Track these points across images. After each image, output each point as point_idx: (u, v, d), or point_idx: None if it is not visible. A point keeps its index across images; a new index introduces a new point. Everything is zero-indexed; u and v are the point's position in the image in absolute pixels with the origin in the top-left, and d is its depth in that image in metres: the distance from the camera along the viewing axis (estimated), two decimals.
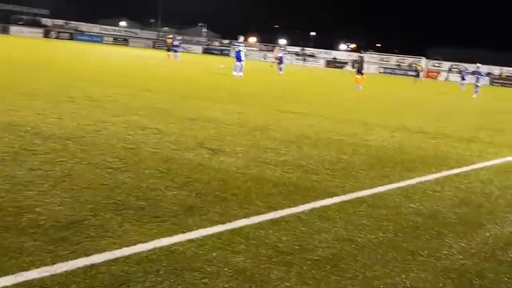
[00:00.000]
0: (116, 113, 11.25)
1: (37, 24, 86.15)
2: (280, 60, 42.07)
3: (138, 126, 9.96)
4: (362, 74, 30.87)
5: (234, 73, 29.99)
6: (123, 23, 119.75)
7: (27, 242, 4.27)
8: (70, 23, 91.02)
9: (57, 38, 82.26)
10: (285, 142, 9.80)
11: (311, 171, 7.68)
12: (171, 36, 53.81)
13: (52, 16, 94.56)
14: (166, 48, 47.49)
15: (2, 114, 9.65)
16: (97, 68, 25.98)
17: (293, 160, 8.31)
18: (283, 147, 9.30)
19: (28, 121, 9.29)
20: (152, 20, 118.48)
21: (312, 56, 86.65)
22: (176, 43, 46.20)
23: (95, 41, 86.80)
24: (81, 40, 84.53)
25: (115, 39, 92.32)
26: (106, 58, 34.36)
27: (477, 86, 35.94)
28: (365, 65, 31.69)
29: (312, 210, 5.84)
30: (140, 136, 8.99)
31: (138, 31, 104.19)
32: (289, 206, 5.87)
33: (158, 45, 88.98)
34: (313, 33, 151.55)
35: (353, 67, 31.20)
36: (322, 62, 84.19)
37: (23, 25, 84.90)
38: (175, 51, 45.45)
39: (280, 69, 40.59)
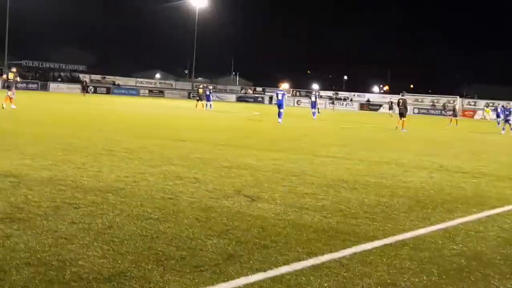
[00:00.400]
0: (153, 163, 11.39)
1: (75, 80, 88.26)
2: (312, 105, 42.07)
3: (176, 176, 10.05)
4: (404, 116, 30.53)
5: (280, 120, 30.67)
6: (157, 75, 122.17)
7: None
8: (107, 78, 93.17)
9: (94, 92, 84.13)
10: (322, 187, 9.77)
11: (350, 215, 7.63)
12: (201, 86, 54.57)
13: (89, 71, 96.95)
14: (197, 98, 48.06)
15: (43, 169, 9.85)
16: (133, 120, 26.42)
17: (331, 205, 8.27)
18: (321, 192, 9.27)
19: (68, 175, 9.45)
20: (186, 71, 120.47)
21: (345, 99, 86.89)
22: (207, 92, 46.67)
23: (132, 94, 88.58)
24: (118, 93, 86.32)
25: (151, 91, 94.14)
26: (142, 110, 35.01)
27: (506, 122, 35.10)
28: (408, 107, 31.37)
29: (353, 254, 5.78)
30: (178, 186, 9.07)
31: (172, 82, 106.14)
32: (330, 252, 5.82)
33: (193, 95, 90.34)
34: (345, 77, 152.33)
35: (396, 109, 30.93)
36: (356, 105, 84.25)
37: (61, 81, 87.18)
38: (208, 100, 45.90)
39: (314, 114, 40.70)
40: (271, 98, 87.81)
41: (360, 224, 7.15)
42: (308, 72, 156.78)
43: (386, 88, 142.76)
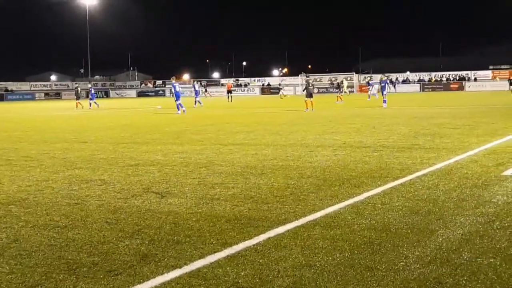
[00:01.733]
0: (56, 169, 11.03)
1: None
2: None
3: (81, 180, 9.79)
4: (311, 97, 31.43)
5: (179, 112, 31.73)
6: (53, 77, 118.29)
7: None
8: None
9: None
10: (231, 175, 9.79)
11: (261, 201, 7.69)
12: (87, 85, 54.01)
13: None
14: (76, 97, 47.46)
15: None
16: (29, 127, 25.47)
17: (241, 192, 8.31)
18: (230, 181, 9.30)
19: None
20: (81, 70, 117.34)
21: (246, 85, 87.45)
22: (93, 91, 47.94)
23: (27, 99, 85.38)
24: (13, 99, 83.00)
25: (47, 94, 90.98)
26: (38, 114, 33.82)
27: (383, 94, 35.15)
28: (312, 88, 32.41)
29: (267, 240, 5.83)
30: (84, 190, 8.83)
31: (69, 83, 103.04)
32: (244, 240, 5.85)
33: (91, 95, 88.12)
34: (244, 63, 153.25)
35: (304, 91, 31.99)
36: (257, 90, 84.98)
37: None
38: (91, 98, 46.74)
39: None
40: (171, 91, 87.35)
41: (272, 209, 7.22)
42: (207, 61, 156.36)
43: (285, 70, 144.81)
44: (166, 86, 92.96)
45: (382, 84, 35.85)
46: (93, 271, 5.01)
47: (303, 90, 31.53)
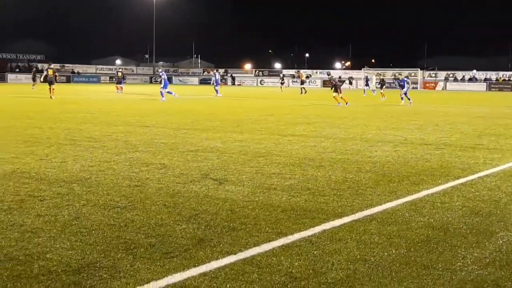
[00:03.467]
0: (118, 151, 11.28)
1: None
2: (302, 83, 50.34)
3: (142, 162, 9.97)
4: (338, 92, 31.04)
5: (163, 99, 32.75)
6: (118, 61, 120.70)
7: None
8: (66, 66, 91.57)
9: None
10: (289, 166, 9.80)
11: (318, 193, 7.67)
12: (120, 69, 52.69)
13: (48, 60, 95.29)
14: (116, 81, 46.56)
15: (5, 163, 9.67)
16: (94, 109, 26.07)
17: (298, 184, 8.30)
18: (288, 171, 9.30)
19: (32, 167, 9.30)
20: (146, 56, 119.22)
21: (308, 77, 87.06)
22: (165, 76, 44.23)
23: (92, 82, 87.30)
24: (79, 81, 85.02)
25: (111, 77, 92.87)
26: (103, 97, 34.56)
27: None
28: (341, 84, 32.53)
29: (323, 232, 5.82)
30: (144, 173, 9.00)
31: (133, 67, 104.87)
32: (299, 230, 5.85)
33: (155, 80, 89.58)
34: (307, 55, 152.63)
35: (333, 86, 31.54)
36: (319, 82, 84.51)
37: (19, 72, 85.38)
38: (163, 87, 43.74)
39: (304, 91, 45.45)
40: (233, 78, 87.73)
41: (328, 201, 7.20)
42: (270, 51, 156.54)
43: (348, 64, 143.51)
44: (228, 74, 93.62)
45: (401, 83, 34.55)
46: (150, 252, 5.11)
47: (331, 88, 31.06)
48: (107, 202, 6.99)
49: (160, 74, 34.94)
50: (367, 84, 50.94)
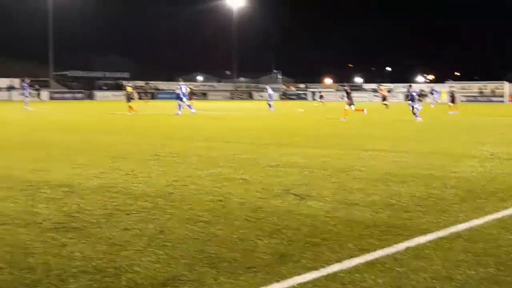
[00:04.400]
0: (200, 166, 11.47)
1: (120, 88, 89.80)
2: (384, 98, 45.95)
3: (224, 177, 10.10)
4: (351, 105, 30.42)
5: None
6: (199, 77, 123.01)
7: None
8: (150, 83, 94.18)
9: (140, 98, 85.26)
10: (371, 182, 9.68)
11: (401, 209, 7.54)
12: (130, 85, 48.79)
13: (132, 78, 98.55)
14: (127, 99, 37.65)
15: (94, 177, 10.02)
16: (175, 124, 26.65)
17: (381, 199, 8.19)
18: (370, 187, 9.19)
19: (119, 182, 9.60)
20: (227, 72, 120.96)
21: (389, 91, 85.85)
22: (184, 90, 37.70)
23: (174, 98, 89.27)
24: (162, 98, 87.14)
25: (193, 94, 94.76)
26: (183, 114, 35.21)
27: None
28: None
29: (407, 249, 5.71)
30: (226, 188, 9.11)
31: (215, 84, 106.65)
32: (383, 247, 5.76)
33: (236, 96, 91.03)
34: (388, 68, 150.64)
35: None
36: (401, 97, 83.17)
37: (106, 90, 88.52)
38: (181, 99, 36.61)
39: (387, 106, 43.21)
40: (313, 93, 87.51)
41: (412, 218, 7.06)
42: (350, 65, 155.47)
43: (431, 77, 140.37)
44: (308, 89, 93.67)
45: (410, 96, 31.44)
46: (233, 266, 5.17)
47: (346, 98, 30.90)
48: (191, 216, 7.12)
49: (179, 87, 36.50)
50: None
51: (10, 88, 78.09)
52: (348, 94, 31.08)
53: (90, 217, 7.07)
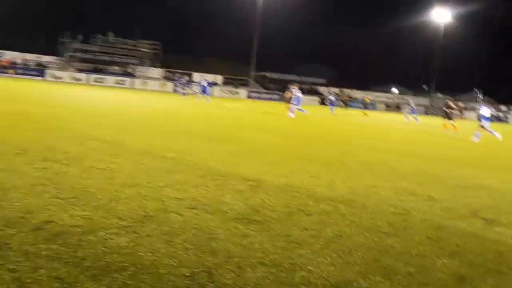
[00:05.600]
0: (385, 178, 11.32)
1: (315, 92, 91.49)
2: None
3: (408, 192, 9.89)
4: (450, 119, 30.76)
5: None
6: (394, 90, 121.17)
7: None
8: (344, 90, 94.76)
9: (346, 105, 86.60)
10: None
11: None
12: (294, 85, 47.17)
13: (328, 84, 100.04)
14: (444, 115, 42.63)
15: (281, 176, 10.32)
16: (368, 134, 26.51)
17: None
18: None
19: (303, 183, 9.79)
20: (424, 86, 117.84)
21: None
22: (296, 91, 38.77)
23: (370, 109, 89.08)
24: (354, 106, 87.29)
25: (388, 105, 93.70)
26: (382, 125, 34.95)
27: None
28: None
29: None
30: (410, 202, 8.91)
31: (410, 97, 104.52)
32: None
33: (431, 111, 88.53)
34: None
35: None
36: None
37: (302, 93, 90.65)
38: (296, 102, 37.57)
39: None
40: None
41: None
42: None
43: None
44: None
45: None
46: (408, 280, 5.07)
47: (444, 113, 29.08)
48: (370, 226, 7.07)
49: (292, 90, 37.59)
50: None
51: (212, 84, 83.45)
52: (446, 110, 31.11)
53: (272, 212, 7.31)
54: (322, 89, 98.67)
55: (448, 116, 31.32)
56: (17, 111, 19.03)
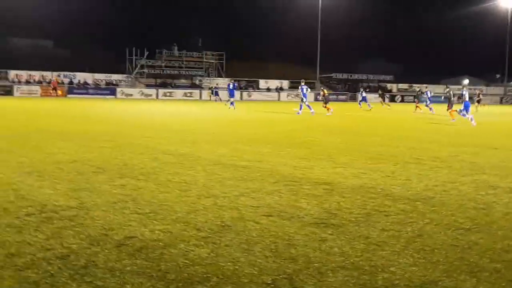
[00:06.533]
0: (463, 172, 11.04)
1: (383, 90, 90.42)
2: None
3: (488, 185, 9.61)
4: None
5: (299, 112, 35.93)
6: (465, 81, 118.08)
7: None
8: (414, 86, 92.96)
9: (402, 101, 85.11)
10: None
11: None
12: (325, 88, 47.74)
13: (396, 80, 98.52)
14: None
15: (354, 177, 10.23)
16: (427, 129, 25.93)
17: None
18: None
19: (378, 183, 9.67)
20: (497, 75, 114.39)
21: None
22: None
23: (438, 102, 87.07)
24: (423, 101, 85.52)
25: (459, 97, 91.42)
26: (439, 118, 34.07)
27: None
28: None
29: None
30: (491, 196, 8.65)
31: (483, 87, 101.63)
32: None
33: (506, 101, 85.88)
34: None
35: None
36: None
37: (369, 92, 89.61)
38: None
39: None
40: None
41: None
42: None
43: None
44: None
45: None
46: (495, 277, 4.92)
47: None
48: (451, 223, 6.91)
49: (300, 88, 37.78)
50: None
51: (279, 89, 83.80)
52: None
53: (349, 215, 7.25)
54: (390, 86, 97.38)
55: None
56: (89, 131, 19.61)
